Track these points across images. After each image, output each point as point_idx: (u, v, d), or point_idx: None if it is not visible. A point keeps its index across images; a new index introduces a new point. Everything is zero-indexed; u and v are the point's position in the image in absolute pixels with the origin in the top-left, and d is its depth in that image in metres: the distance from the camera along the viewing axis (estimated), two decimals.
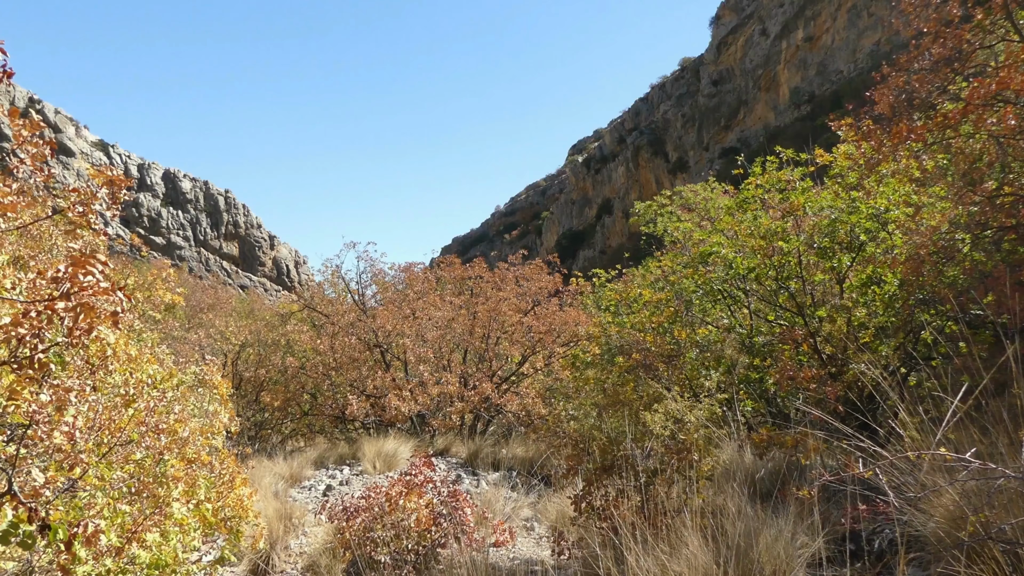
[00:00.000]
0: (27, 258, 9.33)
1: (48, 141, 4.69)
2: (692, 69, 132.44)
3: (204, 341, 20.04)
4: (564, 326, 20.06)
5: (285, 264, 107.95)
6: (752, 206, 12.34)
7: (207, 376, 9.16)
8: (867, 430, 8.39)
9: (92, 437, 4.97)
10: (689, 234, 14.04)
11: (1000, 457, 5.21)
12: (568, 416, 12.39)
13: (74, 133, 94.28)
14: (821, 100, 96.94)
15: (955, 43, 9.02)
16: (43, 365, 3.57)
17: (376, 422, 18.75)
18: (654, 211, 19.35)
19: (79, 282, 3.50)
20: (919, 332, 9.57)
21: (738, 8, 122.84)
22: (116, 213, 4.93)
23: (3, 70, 4.18)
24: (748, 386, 10.90)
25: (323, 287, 23.81)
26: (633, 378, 10.93)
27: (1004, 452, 5.18)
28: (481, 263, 23.04)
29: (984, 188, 9.13)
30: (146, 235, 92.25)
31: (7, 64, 4.19)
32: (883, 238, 10.46)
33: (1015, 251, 8.68)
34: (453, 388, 17.92)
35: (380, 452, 15.34)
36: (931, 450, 4.89)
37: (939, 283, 9.07)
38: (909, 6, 9.60)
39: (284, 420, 20.63)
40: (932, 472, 5.38)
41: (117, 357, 6.20)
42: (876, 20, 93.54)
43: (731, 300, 11.86)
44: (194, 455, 6.89)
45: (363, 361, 19.42)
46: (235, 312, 30.19)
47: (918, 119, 9.00)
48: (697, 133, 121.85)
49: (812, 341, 9.78)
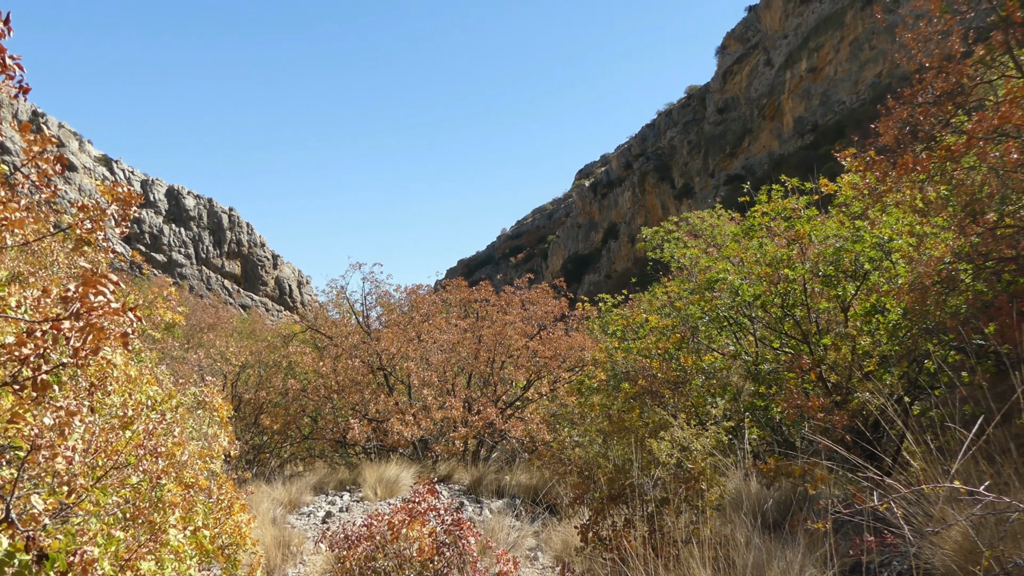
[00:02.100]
0: (27, 274, 9.28)
1: (58, 157, 4.67)
2: (698, 97, 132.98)
3: (204, 361, 19.94)
4: (570, 351, 19.99)
5: (288, 284, 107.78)
6: (758, 233, 12.34)
7: (207, 398, 9.08)
8: (872, 459, 8.35)
9: (88, 460, 4.91)
10: (695, 260, 14.01)
11: (1009, 488, 5.16)
12: (573, 443, 12.32)
13: (77, 148, 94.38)
14: (824, 130, 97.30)
15: (957, 78, 9.06)
16: (46, 386, 3.53)
17: (377, 447, 18.65)
18: (661, 237, 19.30)
19: (89, 302, 3.46)
20: (923, 361, 9.55)
21: (743, 38, 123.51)
22: (124, 230, 4.91)
23: (20, 86, 4.17)
24: (754, 414, 10.86)
25: (326, 308, 23.74)
26: (639, 404, 10.88)
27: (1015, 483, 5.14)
28: (487, 286, 22.99)
29: (985, 219, 9.16)
30: (147, 252, 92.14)
31: (24, 80, 4.18)
32: (887, 267, 10.45)
33: (1016, 282, 8.68)
34: (457, 413, 17.83)
35: (381, 478, 15.24)
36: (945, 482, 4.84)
37: (942, 312, 9.06)
38: (911, 40, 9.64)
39: (283, 443, 20.50)
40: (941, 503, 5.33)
41: (116, 378, 6.15)
42: (878, 53, 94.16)
43: (737, 327, 11.84)
44: (192, 479, 6.82)
45: (366, 384, 19.32)
46: (236, 332, 30.11)
47: (921, 151, 9.03)
48: (703, 160, 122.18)
49: (818, 369, 9.76)
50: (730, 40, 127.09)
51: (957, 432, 5.23)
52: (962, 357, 8.68)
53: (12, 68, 4.16)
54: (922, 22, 9.54)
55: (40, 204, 10.42)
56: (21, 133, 4.71)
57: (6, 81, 4.18)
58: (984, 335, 8.34)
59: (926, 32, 9.43)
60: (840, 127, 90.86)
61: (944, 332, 9.02)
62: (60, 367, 3.66)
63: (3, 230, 4.53)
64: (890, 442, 9.05)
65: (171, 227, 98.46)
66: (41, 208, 10.28)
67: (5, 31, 4.00)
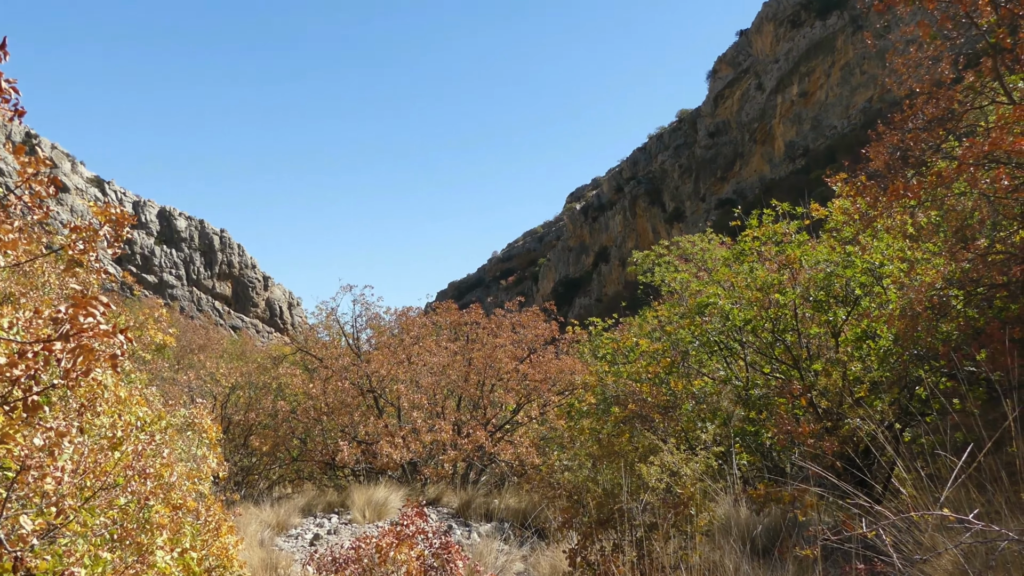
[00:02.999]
0: (19, 295, 9.26)
1: (51, 179, 4.67)
2: (689, 121, 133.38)
3: (194, 383, 19.88)
4: (560, 374, 19.96)
5: (278, 305, 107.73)
6: (749, 258, 12.38)
7: (196, 419, 9.06)
8: (863, 486, 8.34)
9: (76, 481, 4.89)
10: (686, 284, 14.04)
11: (1000, 516, 5.16)
12: (563, 466, 12.29)
13: (70, 169, 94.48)
14: (815, 154, 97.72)
15: (947, 103, 9.12)
16: (37, 407, 3.52)
17: (366, 469, 18.59)
18: (652, 261, 19.36)
19: (79, 324, 3.46)
20: (914, 387, 9.55)
21: (734, 63, 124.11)
22: (117, 251, 4.90)
23: (15, 109, 4.17)
24: (744, 439, 10.85)
25: (316, 330, 23.69)
26: (629, 429, 10.88)
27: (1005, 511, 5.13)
28: (477, 309, 22.96)
29: (976, 246, 9.20)
30: (138, 273, 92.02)
31: (19, 103, 4.18)
32: (878, 293, 10.48)
33: (1007, 308, 8.70)
34: (446, 436, 17.77)
35: (370, 500, 15.18)
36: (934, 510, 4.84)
37: (933, 339, 9.08)
38: (902, 66, 9.71)
39: (273, 465, 20.43)
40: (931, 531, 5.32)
41: (106, 399, 6.14)
42: (869, 78, 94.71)
43: (727, 352, 11.84)
44: (180, 501, 6.79)
45: (355, 406, 19.27)
46: (226, 353, 30.04)
47: (912, 176, 9.07)
48: (694, 184, 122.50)
49: (808, 395, 9.76)
50: (721, 64, 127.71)
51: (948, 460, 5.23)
52: (953, 384, 8.69)
53: (8, 92, 4.17)
54: (912, 48, 9.61)
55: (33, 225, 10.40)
56: (15, 155, 4.71)
57: (1, 105, 4.19)
58: (975, 362, 8.35)
59: (916, 58, 9.50)
60: (831, 152, 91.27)
61: (935, 358, 9.04)
62: (51, 388, 3.65)
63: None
64: (880, 469, 9.05)
65: (162, 248, 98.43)
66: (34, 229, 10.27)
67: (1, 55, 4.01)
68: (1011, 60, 8.81)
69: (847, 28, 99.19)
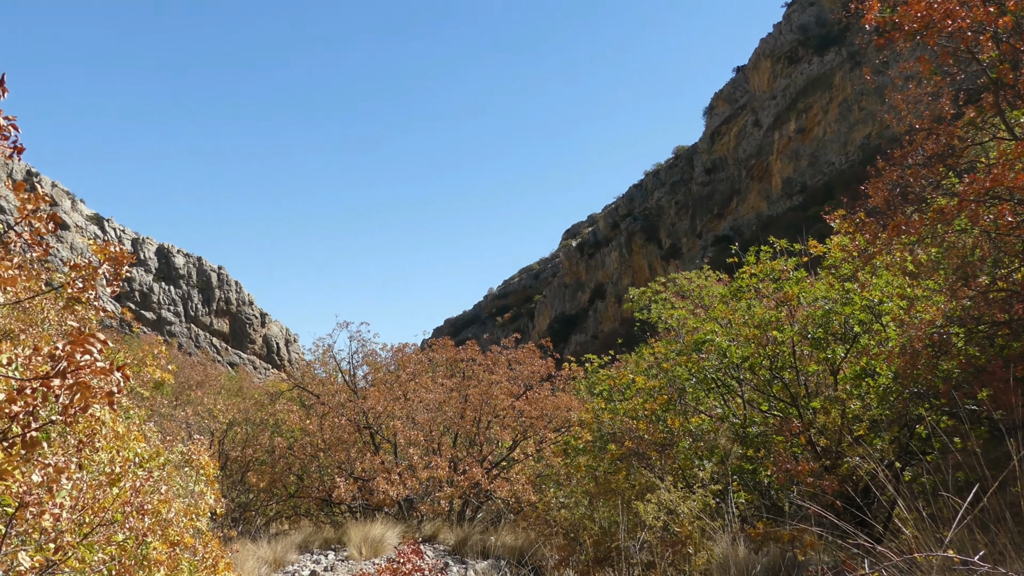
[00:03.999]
0: (18, 331, 9.26)
1: (51, 215, 4.68)
2: (686, 157, 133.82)
3: (192, 419, 19.85)
4: (556, 411, 19.92)
5: (275, 342, 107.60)
6: (746, 295, 12.37)
7: (194, 455, 9.04)
8: (863, 525, 8.30)
9: (75, 517, 4.87)
10: (683, 321, 14.03)
11: (1005, 558, 5.13)
12: (559, 504, 12.24)
13: (70, 206, 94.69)
14: (813, 191, 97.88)
15: (947, 139, 9.14)
16: (35, 443, 3.51)
17: (363, 506, 18.51)
18: (648, 297, 19.34)
19: (76, 361, 3.46)
20: (914, 426, 9.52)
21: (731, 99, 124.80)
22: (116, 289, 4.91)
23: (14, 146, 4.19)
24: (742, 477, 10.80)
25: (313, 366, 23.68)
26: (625, 466, 10.84)
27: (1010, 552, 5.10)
28: (474, 345, 22.95)
29: (977, 283, 9.17)
30: (137, 310, 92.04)
31: (18, 140, 4.20)
32: (877, 330, 10.46)
33: (1009, 346, 8.67)
34: (443, 472, 17.72)
35: (367, 537, 15.11)
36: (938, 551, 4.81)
37: (934, 377, 9.05)
38: (901, 102, 9.74)
39: (269, 501, 20.37)
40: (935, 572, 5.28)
41: (104, 435, 6.12)
42: (867, 114, 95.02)
43: (725, 389, 11.81)
44: (178, 537, 6.76)
45: (352, 442, 19.22)
46: (224, 390, 29.99)
47: (912, 213, 9.07)
48: (690, 220, 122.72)
49: (807, 433, 9.73)
50: (718, 101, 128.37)
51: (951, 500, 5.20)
52: (954, 422, 8.64)
53: (7, 129, 4.18)
54: (912, 84, 9.64)
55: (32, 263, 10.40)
56: (16, 192, 4.73)
57: (1, 142, 4.20)
58: (977, 400, 8.31)
59: (916, 94, 9.52)
60: (829, 188, 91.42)
61: (936, 396, 9.00)
62: (49, 424, 3.64)
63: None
64: (881, 508, 9.01)
65: (161, 285, 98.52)
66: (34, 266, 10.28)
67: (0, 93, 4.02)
68: (1012, 95, 8.84)
69: (845, 64, 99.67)
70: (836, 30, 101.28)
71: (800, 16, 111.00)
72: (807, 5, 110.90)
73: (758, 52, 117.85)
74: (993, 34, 8.40)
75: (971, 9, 8.28)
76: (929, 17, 8.47)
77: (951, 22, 8.38)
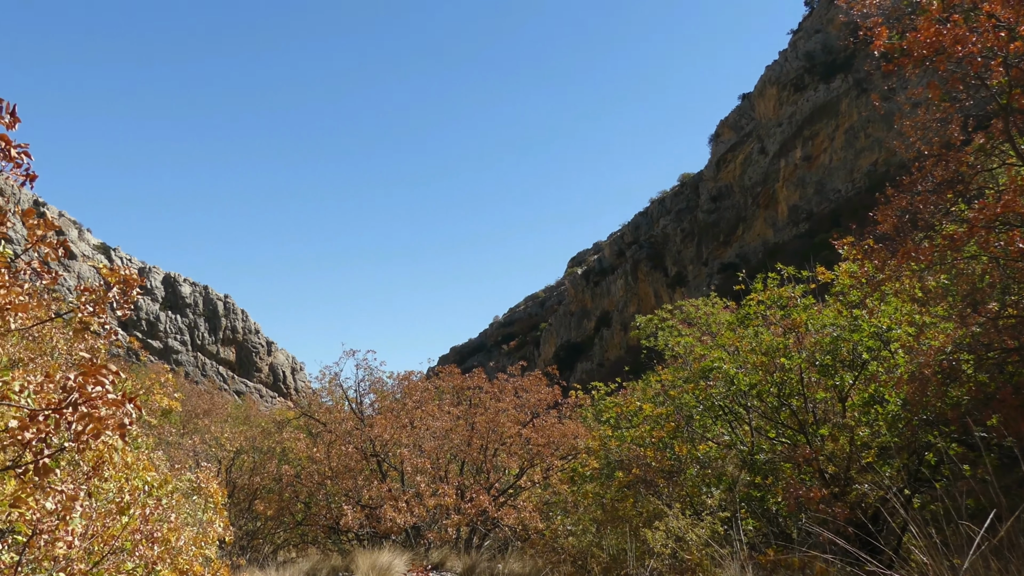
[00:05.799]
0: (27, 360, 9.27)
1: (60, 242, 4.71)
2: (692, 185, 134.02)
3: (199, 447, 19.84)
4: (563, 439, 19.88)
5: (282, 370, 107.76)
6: (753, 322, 12.36)
7: (202, 483, 9.03)
8: (873, 552, 8.25)
9: (85, 545, 4.87)
10: (690, 348, 14.01)
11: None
12: (566, 531, 12.19)
13: (77, 236, 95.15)
14: (820, 218, 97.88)
15: (957, 166, 9.13)
16: (48, 471, 3.52)
17: (370, 533, 18.46)
18: (655, 325, 19.31)
19: (88, 393, 3.46)
20: (923, 453, 9.48)
21: (737, 127, 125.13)
22: (127, 312, 4.93)
23: (27, 174, 4.22)
24: (750, 504, 10.76)
25: (320, 394, 23.68)
26: (633, 493, 10.81)
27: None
28: (480, 373, 22.95)
29: (987, 309, 9.14)
30: (144, 339, 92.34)
31: (31, 168, 4.23)
32: (885, 357, 10.44)
33: (1019, 373, 8.63)
34: (450, 500, 17.67)
35: (374, 565, 15.05)
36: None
37: (943, 404, 9.00)
38: (910, 128, 9.73)
39: (277, 529, 20.33)
40: None
41: (113, 463, 6.12)
42: (873, 141, 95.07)
43: (732, 416, 11.78)
44: (187, 565, 6.75)
45: (359, 470, 19.19)
46: (231, 418, 30.00)
47: (921, 239, 9.06)
48: (696, 248, 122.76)
49: (816, 460, 9.69)
50: (724, 128, 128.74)
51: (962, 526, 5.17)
52: (964, 449, 8.59)
53: (20, 157, 4.22)
54: (920, 110, 9.62)
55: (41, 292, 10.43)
56: (24, 218, 4.75)
57: (14, 170, 4.24)
58: (987, 427, 8.28)
59: (924, 120, 9.50)
60: (836, 215, 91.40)
61: (945, 423, 8.95)
62: (60, 451, 3.65)
63: (6, 314, 4.55)
64: (891, 535, 8.96)
65: (167, 314, 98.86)
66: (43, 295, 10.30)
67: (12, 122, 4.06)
68: (1022, 121, 8.82)
69: (851, 91, 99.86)
70: (842, 57, 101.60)
71: (806, 43, 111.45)
72: (813, 32, 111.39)
73: (764, 79, 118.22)
74: (1004, 59, 8.39)
75: (981, 35, 8.28)
76: (939, 43, 8.47)
77: (961, 48, 8.38)
